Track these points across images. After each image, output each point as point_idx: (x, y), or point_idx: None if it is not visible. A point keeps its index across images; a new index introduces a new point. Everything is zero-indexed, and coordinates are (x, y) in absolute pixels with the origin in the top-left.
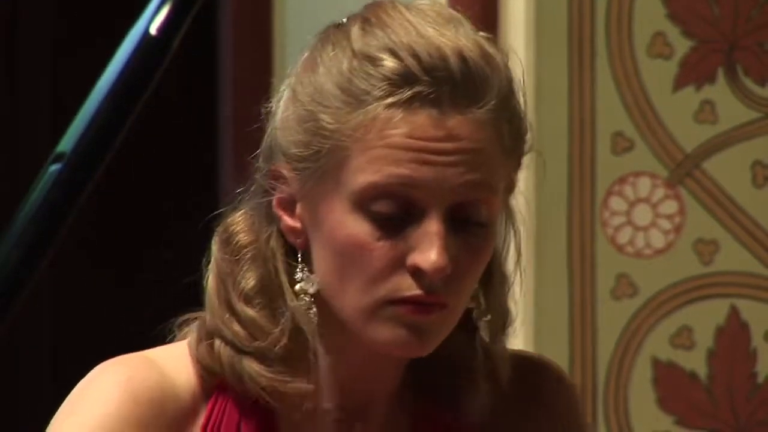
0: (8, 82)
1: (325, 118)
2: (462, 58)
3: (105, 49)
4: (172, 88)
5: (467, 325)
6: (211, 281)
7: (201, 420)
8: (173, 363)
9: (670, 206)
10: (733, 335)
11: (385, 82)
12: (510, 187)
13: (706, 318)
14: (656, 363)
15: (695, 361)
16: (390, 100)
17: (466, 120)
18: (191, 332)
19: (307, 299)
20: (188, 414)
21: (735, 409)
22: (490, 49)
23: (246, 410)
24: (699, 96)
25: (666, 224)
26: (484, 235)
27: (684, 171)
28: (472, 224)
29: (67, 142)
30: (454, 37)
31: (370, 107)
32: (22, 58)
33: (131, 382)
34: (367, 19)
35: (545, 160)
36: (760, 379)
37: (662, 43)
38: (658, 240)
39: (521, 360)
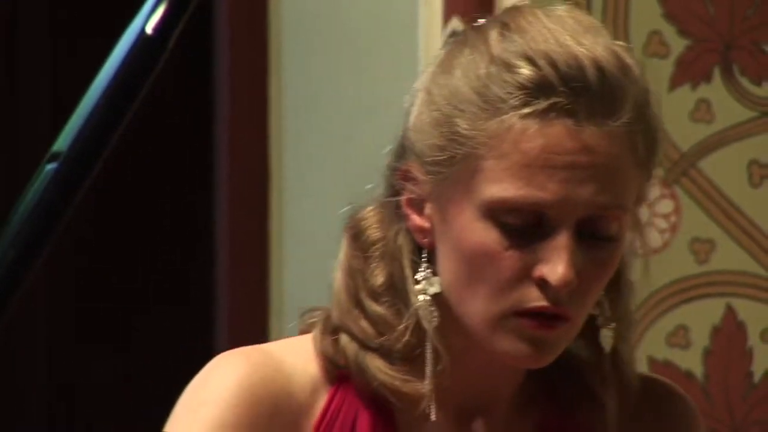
0: (8, 82)
1: (461, 123)
2: (599, 69)
3: (105, 49)
4: (169, 87)
5: (588, 332)
6: (339, 276)
7: (318, 411)
8: (293, 356)
9: (666, 205)
10: (730, 335)
11: (521, 91)
12: (640, 199)
13: (702, 317)
14: (652, 362)
15: (691, 361)
16: (526, 110)
17: (602, 132)
18: (316, 325)
19: (428, 299)
20: (304, 407)
21: (731, 409)
22: (628, 60)
23: (364, 403)
24: (695, 95)
25: (662, 223)
26: (611, 249)
27: (680, 170)
28: (601, 239)
29: (62, 142)
30: (592, 46)
31: (506, 116)
32: (22, 58)
33: (249, 379)
34: (505, 24)
35: None
36: (756, 378)
37: (658, 42)
38: (654, 239)
39: (651, 382)
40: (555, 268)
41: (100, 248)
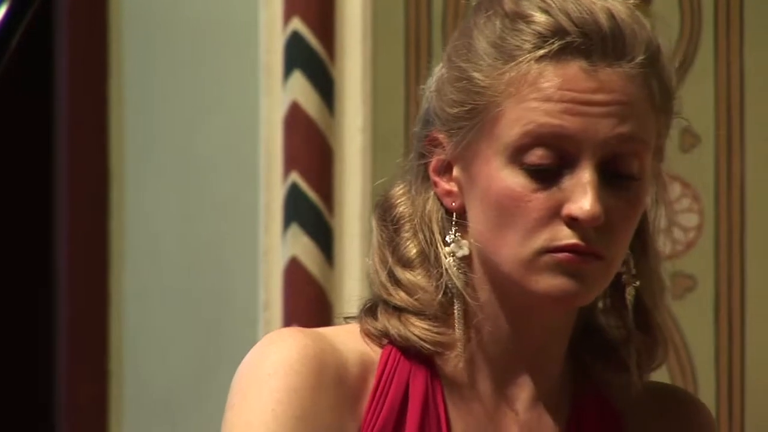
0: None
1: (478, 76)
2: (611, 15)
3: None
4: (7, 86)
5: (614, 290)
6: (373, 254)
7: (371, 382)
8: (341, 337)
9: None
10: None
11: (535, 37)
12: (659, 152)
13: None
14: None
15: None
16: (541, 52)
17: (616, 73)
18: (357, 310)
19: (457, 260)
20: (359, 379)
21: None
22: (639, 15)
23: (414, 367)
24: None
25: None
26: (635, 189)
27: None
28: (624, 177)
29: None
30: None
31: (521, 61)
32: None
33: (311, 351)
34: None
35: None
36: None
37: None
38: None
39: (671, 390)
40: (581, 204)
41: None
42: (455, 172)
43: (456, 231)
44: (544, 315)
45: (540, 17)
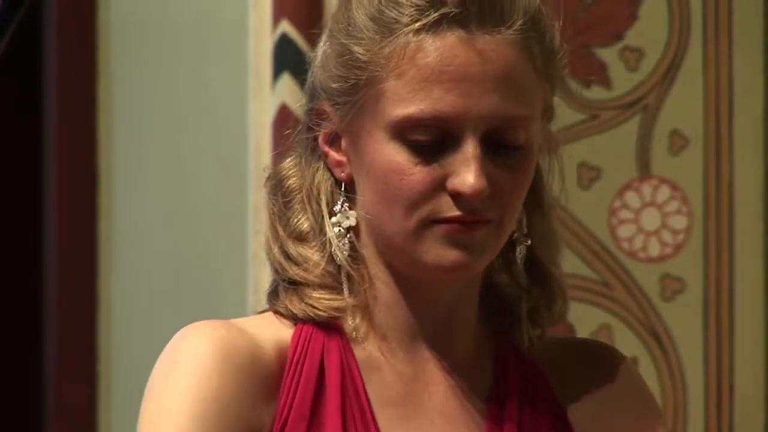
0: None
1: (359, 50)
2: None
3: None
4: None
5: (506, 250)
6: (266, 230)
7: (286, 359)
8: (255, 324)
9: None
10: None
11: (412, 8)
12: (548, 113)
13: None
14: None
15: None
16: (418, 24)
17: (495, 41)
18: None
19: (342, 231)
20: (275, 360)
21: None
22: None
23: (326, 341)
24: None
25: None
26: (522, 157)
27: None
28: (509, 148)
29: None
30: None
31: (400, 34)
32: None
33: (220, 337)
34: None
35: None
36: None
37: None
38: None
39: (583, 341)
40: (465, 178)
41: None
42: (344, 143)
43: (344, 202)
44: (439, 284)
45: None
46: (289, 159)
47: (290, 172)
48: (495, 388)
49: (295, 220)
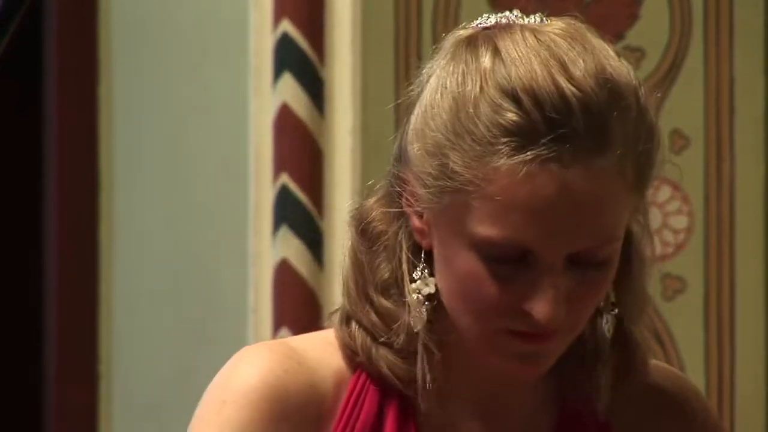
0: None
1: (452, 158)
2: (586, 109)
3: None
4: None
5: (592, 318)
6: (347, 269)
7: (343, 399)
8: (315, 349)
9: None
10: None
11: (507, 137)
12: (638, 209)
13: None
14: None
15: None
16: (512, 160)
17: (587, 173)
18: (336, 316)
19: (421, 298)
20: (329, 399)
21: None
22: (621, 84)
23: (387, 392)
24: None
25: None
26: (603, 272)
27: None
28: (590, 264)
29: None
30: (582, 77)
31: (493, 159)
32: None
33: (274, 378)
34: (497, 49)
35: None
36: None
37: None
38: None
39: (666, 373)
40: (541, 306)
41: None
42: (426, 215)
43: (424, 268)
44: None
45: (512, 115)
46: (373, 199)
47: (377, 215)
48: None
49: (380, 270)
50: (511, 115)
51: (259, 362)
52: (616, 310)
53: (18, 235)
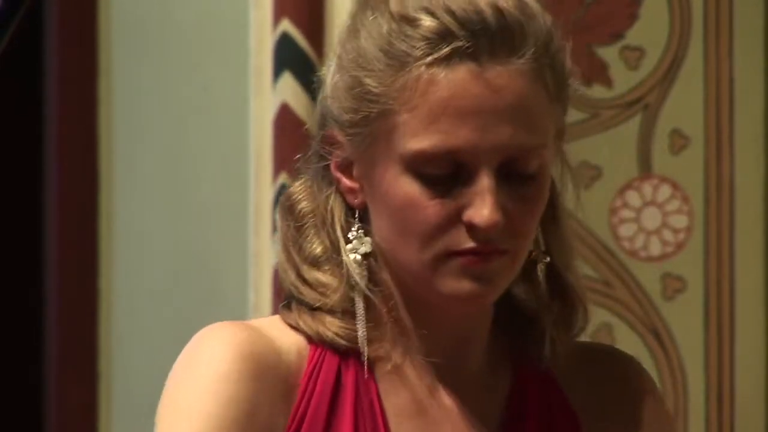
0: None
1: (371, 83)
2: (497, 9)
3: None
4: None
5: (526, 268)
6: (279, 251)
7: (304, 369)
8: (273, 328)
9: None
10: None
11: (423, 42)
12: (560, 134)
13: None
14: None
15: None
16: (429, 59)
17: (507, 71)
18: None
19: (358, 258)
20: (293, 366)
21: None
22: (528, 3)
23: (344, 357)
24: None
25: None
26: (536, 185)
27: None
28: (523, 176)
29: None
30: None
31: (412, 68)
32: None
33: (239, 340)
34: None
35: None
36: None
37: None
38: None
39: (599, 349)
40: (480, 211)
41: None
42: (356, 171)
43: (359, 228)
44: (455, 310)
45: (426, 21)
46: (299, 182)
47: (301, 196)
48: (512, 404)
49: (309, 244)
50: (425, 23)
51: (222, 332)
52: (548, 258)
53: (18, 235)
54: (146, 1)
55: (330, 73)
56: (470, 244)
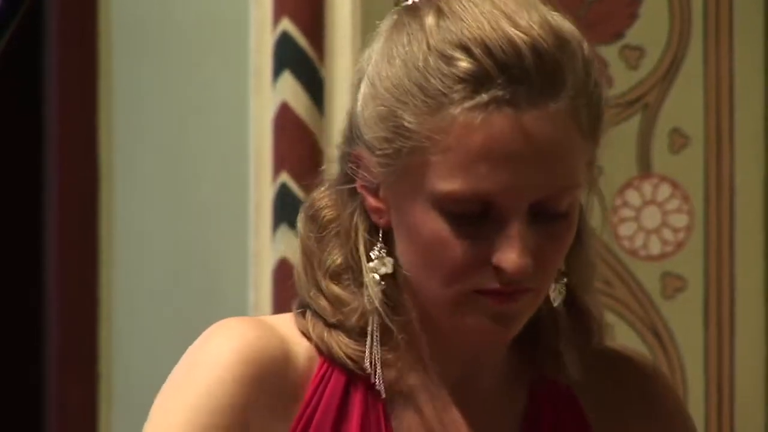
0: None
1: (406, 117)
2: (536, 52)
3: None
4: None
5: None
6: (298, 258)
7: (312, 378)
8: (287, 327)
9: None
10: None
11: (460, 85)
12: (591, 163)
13: None
14: None
15: None
16: (467, 104)
17: (543, 115)
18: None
19: (377, 278)
20: (301, 372)
21: None
22: (566, 33)
23: (354, 375)
24: None
25: None
26: (566, 223)
27: None
28: (553, 215)
29: None
30: (528, 27)
31: (448, 110)
32: None
33: (247, 342)
34: (439, 9)
35: None
36: None
37: None
38: None
39: (619, 357)
40: (508, 256)
41: None
42: (382, 193)
43: (381, 248)
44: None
45: (464, 62)
46: (322, 189)
47: (324, 203)
48: (527, 420)
49: (329, 256)
50: (462, 64)
51: (233, 331)
52: (565, 279)
53: (18, 235)
54: (146, 1)
55: (362, 95)
56: (496, 285)
